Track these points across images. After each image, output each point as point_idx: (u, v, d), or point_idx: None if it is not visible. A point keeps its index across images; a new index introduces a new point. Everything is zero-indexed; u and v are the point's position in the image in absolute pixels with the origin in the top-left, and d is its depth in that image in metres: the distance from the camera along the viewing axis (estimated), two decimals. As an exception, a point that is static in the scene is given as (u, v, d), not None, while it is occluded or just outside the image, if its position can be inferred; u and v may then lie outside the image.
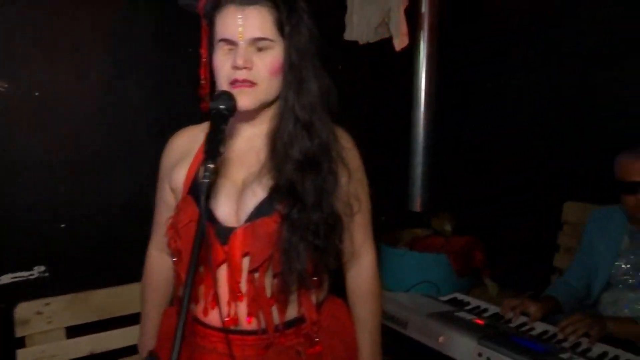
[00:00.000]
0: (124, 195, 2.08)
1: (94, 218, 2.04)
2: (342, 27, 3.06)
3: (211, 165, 0.93)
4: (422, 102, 3.15)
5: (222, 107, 1.02)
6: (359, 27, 3.04)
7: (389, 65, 3.24)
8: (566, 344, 1.52)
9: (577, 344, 1.53)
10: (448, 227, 3.33)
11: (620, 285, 1.84)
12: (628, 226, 1.83)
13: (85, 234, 2.03)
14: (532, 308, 1.67)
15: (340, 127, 1.23)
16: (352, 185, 1.19)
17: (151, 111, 2.25)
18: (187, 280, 0.89)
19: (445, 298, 1.81)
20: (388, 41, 3.07)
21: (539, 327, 1.63)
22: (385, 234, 3.35)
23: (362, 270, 1.28)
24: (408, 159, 3.24)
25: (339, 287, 1.34)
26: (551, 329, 1.62)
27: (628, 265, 1.81)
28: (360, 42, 3.07)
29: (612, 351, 1.50)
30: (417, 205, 3.27)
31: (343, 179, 1.17)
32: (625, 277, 1.82)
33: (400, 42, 2.95)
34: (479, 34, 3.30)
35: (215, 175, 0.96)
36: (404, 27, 2.96)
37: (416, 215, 3.43)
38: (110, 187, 2.06)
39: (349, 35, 3.07)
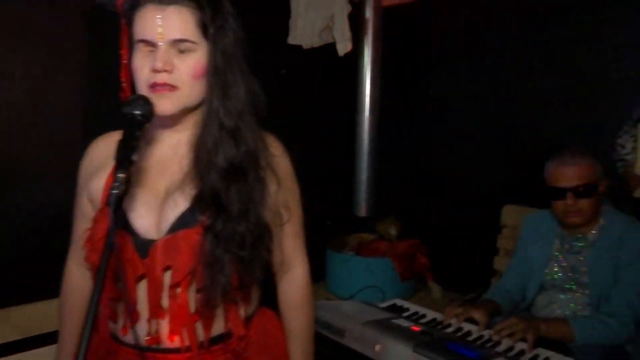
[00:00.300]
0: (46, 206, 1.96)
1: (15, 230, 1.91)
2: (286, 32, 3.03)
3: (121, 175, 0.87)
4: (367, 107, 3.16)
5: (136, 112, 0.96)
6: (303, 32, 3.01)
7: (334, 70, 3.23)
8: (500, 348, 1.53)
9: (511, 348, 1.54)
10: (393, 232, 3.35)
11: (552, 288, 1.88)
12: (558, 230, 1.88)
13: (5, 247, 1.89)
14: (477, 314, 1.68)
15: (269, 134, 1.19)
16: (282, 194, 1.15)
17: (82, 115, 2.14)
18: (93, 296, 0.83)
19: (385, 305, 1.80)
20: (333, 46, 3.06)
21: (475, 331, 1.64)
22: (331, 239, 3.34)
23: (293, 280, 1.24)
24: (353, 164, 3.24)
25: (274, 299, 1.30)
26: (487, 333, 1.63)
27: (559, 268, 1.85)
28: (305, 47, 3.04)
29: (544, 353, 1.52)
30: (362, 210, 3.28)
31: (272, 187, 1.13)
32: (557, 279, 1.86)
33: (343, 47, 2.95)
34: (423, 41, 3.35)
35: (128, 185, 0.89)
36: (347, 32, 2.96)
37: (362, 220, 3.44)
38: (33, 197, 1.93)
39: (293, 39, 3.04)
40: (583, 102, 2.71)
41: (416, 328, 1.54)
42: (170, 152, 1.12)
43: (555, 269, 1.87)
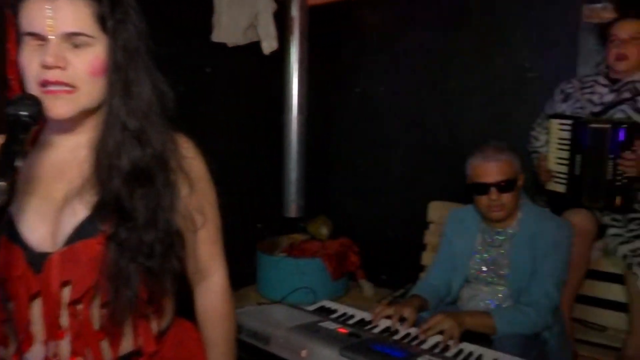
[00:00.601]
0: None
1: None
2: (209, 29, 2.93)
3: (2, 184, 0.77)
4: (295, 107, 3.13)
5: (22, 113, 0.86)
6: (227, 29, 2.93)
7: (260, 68, 3.17)
8: (426, 346, 1.54)
9: (436, 344, 1.56)
10: (324, 231, 3.34)
11: (476, 281, 1.93)
12: (481, 225, 1.93)
13: None
14: (406, 312, 1.68)
15: (182, 134, 1.11)
16: (195, 198, 1.08)
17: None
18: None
19: (313, 307, 1.76)
20: (259, 44, 3.00)
21: (403, 330, 1.64)
22: (262, 241, 3.27)
23: (210, 289, 1.17)
24: (282, 165, 3.19)
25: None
26: (414, 330, 1.64)
27: (482, 262, 1.90)
28: (229, 45, 2.96)
29: (468, 347, 1.55)
30: (293, 211, 3.24)
31: (183, 191, 1.05)
32: (480, 272, 1.91)
33: (269, 46, 2.89)
34: (348, 40, 3.36)
35: (13, 194, 0.79)
36: (273, 31, 2.90)
37: (293, 221, 3.41)
38: None
39: (217, 36, 2.94)
40: (499, 100, 2.82)
41: (343, 330, 1.52)
42: (69, 157, 1.02)
43: (479, 263, 1.91)
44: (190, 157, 1.09)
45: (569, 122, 2.12)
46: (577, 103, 2.24)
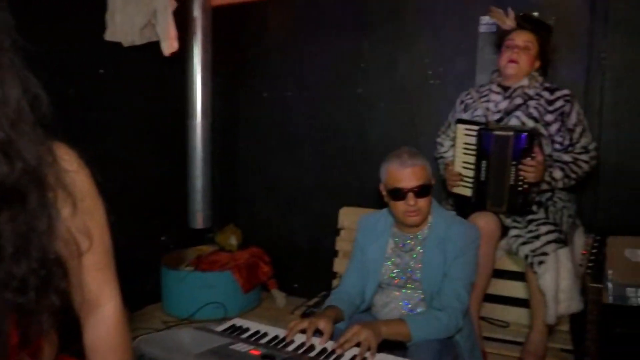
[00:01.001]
0: None
1: None
2: (102, 27, 2.69)
3: None
4: (199, 111, 2.97)
5: None
6: (122, 28, 2.70)
7: (161, 70, 2.97)
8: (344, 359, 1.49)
9: (353, 358, 1.50)
10: (233, 242, 3.20)
11: (389, 287, 1.91)
12: (392, 229, 1.92)
13: None
14: (322, 324, 1.61)
15: (62, 144, 0.95)
16: (79, 218, 0.93)
17: None
18: None
19: (223, 327, 1.64)
20: (158, 44, 2.80)
21: (318, 345, 1.57)
22: (167, 255, 3.07)
23: (100, 321, 1.02)
24: (186, 173, 3.02)
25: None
26: (330, 344, 1.57)
27: (394, 267, 1.89)
28: (125, 44, 2.73)
29: (384, 359, 1.51)
30: (199, 221, 3.07)
31: (64, 211, 0.90)
32: (393, 278, 1.89)
33: (168, 46, 2.71)
34: (255, 43, 3.26)
35: None
36: (172, 31, 2.72)
37: (200, 232, 3.24)
38: None
39: (111, 36, 2.71)
40: (404, 106, 2.87)
41: (256, 352, 1.42)
42: None
43: (391, 268, 1.90)
44: (72, 171, 0.94)
45: (475, 128, 2.18)
46: (476, 111, 2.33)
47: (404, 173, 1.76)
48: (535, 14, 2.40)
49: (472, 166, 2.20)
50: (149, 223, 3.03)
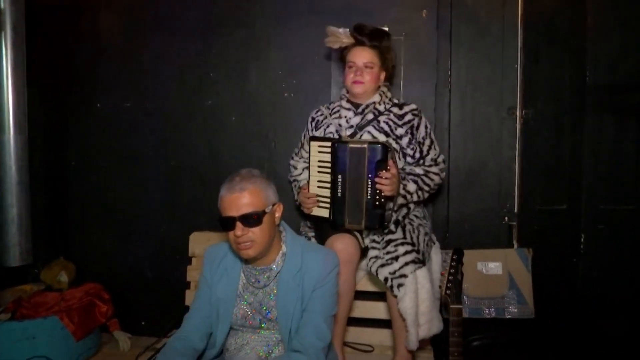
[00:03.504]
0: None
1: None
2: None
3: None
4: (11, 124, 2.51)
5: None
6: None
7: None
8: None
9: None
10: (63, 278, 2.74)
11: (243, 328, 1.72)
12: (242, 264, 1.73)
13: None
14: None
15: None
16: None
17: None
18: None
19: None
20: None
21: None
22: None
23: None
24: (-2, 200, 2.51)
25: None
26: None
27: (247, 306, 1.70)
28: None
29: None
30: (16, 257, 2.58)
31: None
32: (246, 318, 1.70)
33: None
34: (85, 46, 2.84)
35: None
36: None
37: (20, 270, 2.73)
38: None
39: None
40: (256, 119, 2.72)
41: None
42: None
43: (244, 308, 1.70)
44: None
45: (328, 144, 2.09)
46: (329, 128, 2.28)
47: (231, 199, 1.59)
48: (385, 28, 2.41)
49: (328, 185, 2.13)
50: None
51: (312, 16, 2.63)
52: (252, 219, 1.58)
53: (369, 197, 2.04)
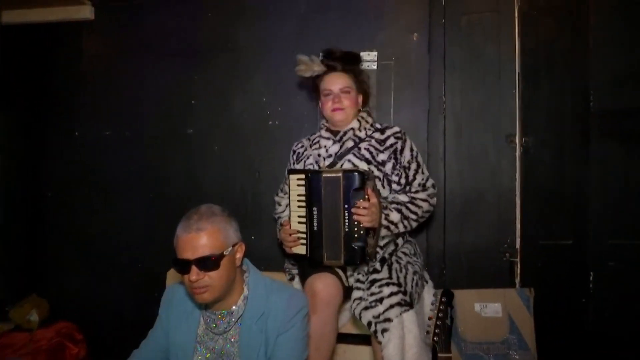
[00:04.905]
0: None
1: None
2: None
3: None
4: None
5: None
6: None
7: None
8: None
9: None
10: (34, 318, 2.63)
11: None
12: (201, 308, 1.59)
13: None
14: None
15: None
16: None
17: None
18: None
19: None
20: None
21: None
22: None
23: None
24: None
25: None
26: None
27: (207, 352, 1.55)
28: None
29: None
30: (-18, 295, 2.45)
31: None
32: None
33: None
34: (63, 72, 2.79)
35: None
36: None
37: (-10, 306, 2.62)
38: None
39: None
40: (241, 149, 2.64)
41: None
42: None
43: (204, 354, 1.56)
44: None
45: (303, 175, 1.97)
46: (308, 160, 2.19)
47: (187, 240, 1.47)
48: (374, 53, 2.31)
49: (305, 219, 1.98)
50: None
51: (300, 41, 2.56)
52: (209, 263, 1.46)
53: (346, 229, 1.91)
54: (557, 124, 2.38)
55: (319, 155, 2.15)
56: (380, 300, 1.86)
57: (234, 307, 1.55)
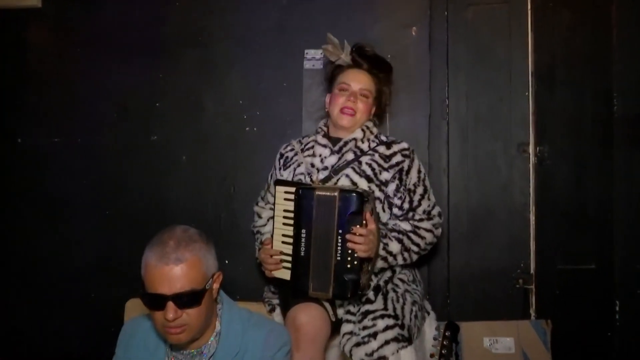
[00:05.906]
0: None
1: None
2: None
3: None
4: None
5: None
6: None
7: None
8: None
9: None
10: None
11: None
12: (166, 346, 1.54)
13: None
14: None
15: None
16: None
17: None
18: None
19: None
20: None
21: None
22: None
23: None
24: None
25: None
26: None
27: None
28: None
29: None
30: None
31: None
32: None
33: None
34: (2, 68, 2.75)
35: None
36: None
37: None
38: None
39: None
40: (213, 158, 2.62)
41: None
42: None
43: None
44: None
45: (293, 189, 1.94)
46: (299, 168, 2.11)
47: (163, 273, 1.38)
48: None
49: (291, 240, 1.94)
50: None
51: (281, 35, 2.55)
52: (189, 299, 1.39)
53: (338, 258, 1.83)
54: (576, 131, 2.39)
55: (313, 165, 2.07)
56: (374, 335, 1.82)
57: (204, 346, 1.49)
